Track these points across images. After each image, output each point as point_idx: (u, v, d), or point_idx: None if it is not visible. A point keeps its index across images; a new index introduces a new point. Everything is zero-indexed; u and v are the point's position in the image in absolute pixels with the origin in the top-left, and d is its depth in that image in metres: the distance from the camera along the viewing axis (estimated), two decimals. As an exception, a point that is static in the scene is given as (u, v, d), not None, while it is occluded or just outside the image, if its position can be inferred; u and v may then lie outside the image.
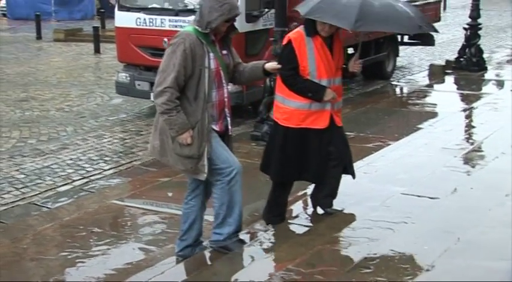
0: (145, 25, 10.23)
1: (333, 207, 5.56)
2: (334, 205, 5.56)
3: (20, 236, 5.91)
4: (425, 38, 14.52)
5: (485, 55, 14.40)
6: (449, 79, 13.48)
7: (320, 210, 5.60)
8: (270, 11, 9.72)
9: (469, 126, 9.48)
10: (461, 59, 13.94)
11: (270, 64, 5.06)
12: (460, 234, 4.99)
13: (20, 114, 11.10)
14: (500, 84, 12.93)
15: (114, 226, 6.24)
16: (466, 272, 4.38)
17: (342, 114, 5.41)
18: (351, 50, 10.55)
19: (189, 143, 4.67)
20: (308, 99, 5.12)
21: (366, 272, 4.39)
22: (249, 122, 9.56)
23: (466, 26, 13.95)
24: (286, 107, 5.21)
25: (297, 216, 5.70)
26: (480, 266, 4.49)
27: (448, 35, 19.95)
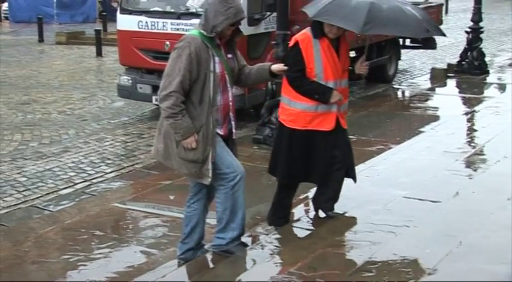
0: (147, 28, 10.24)
1: (334, 211, 5.56)
2: (336, 208, 5.56)
3: (22, 239, 5.91)
4: (427, 42, 14.53)
5: (487, 59, 14.41)
6: (451, 82, 13.48)
7: (322, 214, 5.60)
8: (271, 14, 9.73)
9: (470, 130, 9.48)
10: (463, 63, 13.95)
11: (277, 66, 5.04)
12: (462, 238, 4.99)
13: (22, 117, 11.11)
14: (502, 87, 12.93)
15: (116, 229, 6.24)
16: (468, 276, 4.37)
17: (344, 117, 5.41)
18: (352, 53, 10.54)
19: (193, 147, 4.65)
20: (314, 101, 5.10)
21: (368, 276, 4.38)
22: (251, 125, 9.56)
23: (468, 30, 13.96)
24: (292, 108, 5.20)
25: (298, 220, 5.70)
26: (482, 269, 4.48)
27: (449, 39, 19.90)
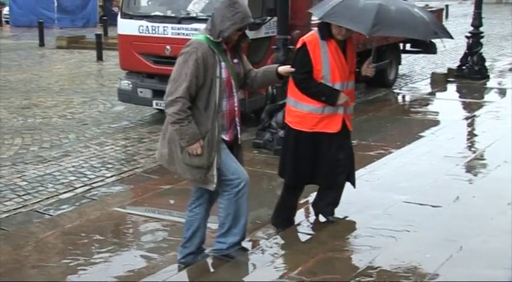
0: (147, 33, 10.25)
1: (335, 215, 5.56)
2: (336, 213, 5.56)
3: (22, 243, 5.90)
4: (428, 46, 14.55)
5: (487, 63, 14.44)
6: (451, 87, 13.49)
7: (322, 218, 5.60)
8: (272, 19, 9.74)
9: (471, 135, 9.48)
10: (464, 67, 13.98)
11: (284, 67, 5.02)
12: (462, 243, 4.99)
13: (23, 121, 11.12)
14: (502, 92, 12.95)
15: (116, 233, 6.23)
16: (468, 281, 4.37)
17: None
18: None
19: (199, 153, 4.62)
20: (321, 103, 5.10)
21: (368, 280, 4.38)
22: (251, 130, 9.56)
23: (468, 35, 13.99)
24: (299, 110, 5.19)
25: (299, 224, 5.69)
26: (482, 274, 4.48)
27: (450, 43, 19.93)
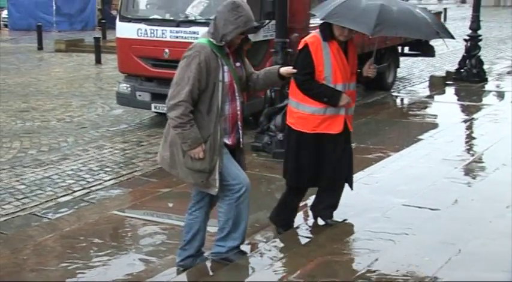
0: (146, 36, 10.25)
1: (333, 219, 5.56)
2: (335, 216, 5.56)
3: (20, 246, 5.90)
4: (426, 49, 14.58)
5: (485, 66, 14.45)
6: (450, 90, 13.51)
7: (321, 221, 5.60)
8: (270, 22, 9.76)
9: (469, 138, 9.49)
10: (462, 70, 14.00)
11: (286, 68, 4.99)
12: (461, 246, 4.99)
13: (21, 124, 11.11)
14: (500, 95, 12.96)
15: (115, 237, 6.22)
16: (467, 284, 4.38)
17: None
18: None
19: (201, 157, 4.60)
20: (323, 104, 5.09)
21: (367, 284, 4.38)
22: (250, 133, 9.56)
23: (467, 38, 14.01)
24: (301, 111, 5.19)
25: (297, 227, 5.69)
26: (481, 277, 4.48)
27: (448, 46, 19.97)
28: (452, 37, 5.23)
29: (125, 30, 10.61)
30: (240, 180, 4.78)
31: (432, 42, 14.79)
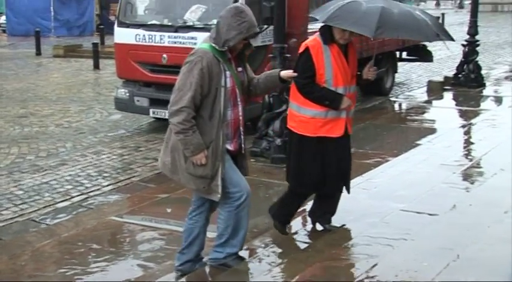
0: (144, 41, 10.25)
1: (332, 224, 5.56)
2: (333, 221, 5.56)
3: (18, 252, 5.89)
4: (424, 54, 14.60)
5: (483, 71, 14.47)
6: (448, 95, 13.52)
7: (319, 227, 5.60)
8: (268, 28, 9.76)
9: (467, 143, 9.50)
10: (460, 76, 14.01)
11: (286, 72, 4.96)
12: (459, 251, 4.99)
13: (19, 130, 11.10)
14: (498, 100, 12.97)
15: (113, 242, 6.21)
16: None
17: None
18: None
19: (203, 163, 4.57)
20: (324, 107, 5.10)
21: (366, 289, 4.38)
22: (248, 138, 9.54)
23: (464, 43, 14.02)
24: (302, 115, 5.19)
25: (296, 233, 5.69)
26: (480, 283, 4.48)
27: (446, 52, 20.00)
28: (452, 39, 5.24)
29: (123, 35, 10.61)
30: (240, 188, 4.75)
31: (430, 48, 14.84)
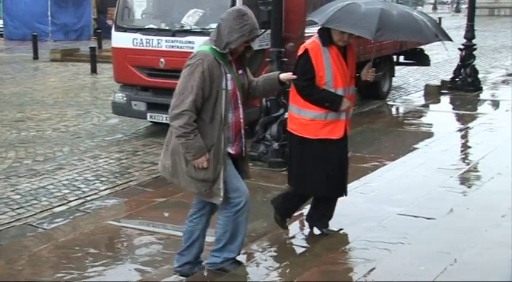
0: (142, 45, 10.25)
1: (329, 228, 5.56)
2: (331, 226, 5.57)
3: (15, 257, 5.87)
4: (421, 58, 14.62)
5: (480, 75, 14.51)
6: (445, 99, 13.54)
7: (316, 231, 5.60)
8: (265, 32, 9.77)
9: (464, 147, 9.51)
10: (457, 79, 14.04)
11: (285, 74, 4.95)
12: (456, 255, 4.99)
13: (16, 134, 11.08)
14: (495, 104, 13.00)
15: (110, 247, 6.21)
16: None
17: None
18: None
19: (205, 166, 4.54)
20: (324, 109, 5.11)
21: (363, 293, 4.38)
22: (246, 142, 9.56)
23: (461, 47, 14.05)
24: (302, 117, 5.20)
25: (293, 237, 5.69)
26: (477, 287, 4.49)
27: (443, 56, 20.06)
28: (450, 39, 5.26)
29: (120, 39, 10.61)
30: (239, 194, 4.73)
31: (427, 52, 14.87)
